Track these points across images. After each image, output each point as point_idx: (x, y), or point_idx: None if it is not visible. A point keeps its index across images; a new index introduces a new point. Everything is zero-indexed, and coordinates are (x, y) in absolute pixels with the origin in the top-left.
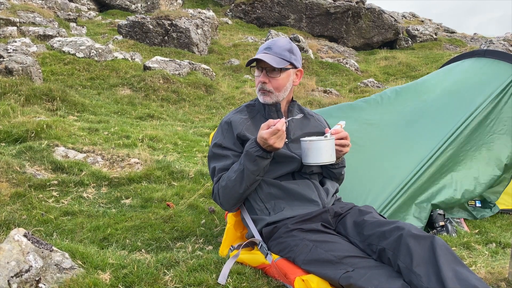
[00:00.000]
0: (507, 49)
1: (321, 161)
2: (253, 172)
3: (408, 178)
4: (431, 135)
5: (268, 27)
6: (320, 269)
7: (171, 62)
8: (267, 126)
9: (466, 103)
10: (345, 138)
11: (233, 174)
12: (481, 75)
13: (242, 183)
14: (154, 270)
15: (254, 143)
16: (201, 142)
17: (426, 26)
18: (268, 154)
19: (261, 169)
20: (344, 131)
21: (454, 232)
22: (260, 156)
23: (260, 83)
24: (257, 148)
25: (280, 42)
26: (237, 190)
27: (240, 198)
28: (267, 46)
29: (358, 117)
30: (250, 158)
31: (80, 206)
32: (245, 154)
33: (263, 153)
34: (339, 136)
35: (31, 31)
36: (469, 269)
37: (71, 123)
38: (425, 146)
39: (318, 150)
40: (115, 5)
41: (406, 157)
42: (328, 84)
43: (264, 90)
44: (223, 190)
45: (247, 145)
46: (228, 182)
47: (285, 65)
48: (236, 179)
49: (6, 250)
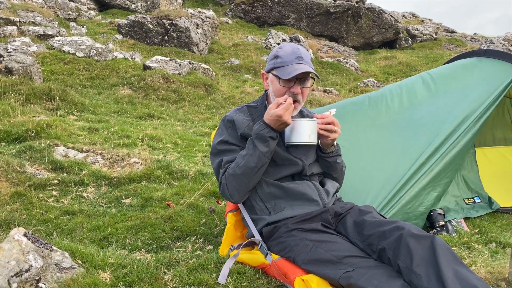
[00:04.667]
0: (507, 49)
1: (300, 140)
2: (265, 154)
3: (407, 177)
4: (430, 133)
5: (268, 26)
6: (320, 269)
7: (171, 62)
8: (277, 105)
9: (466, 102)
10: (331, 123)
11: (241, 160)
12: (481, 74)
13: (252, 166)
14: (154, 269)
15: (264, 125)
16: (201, 142)
17: (426, 25)
18: (277, 134)
19: (271, 150)
20: (331, 116)
21: (454, 232)
22: (271, 137)
23: (293, 94)
24: (268, 129)
25: (304, 50)
26: (247, 175)
27: (249, 185)
28: (298, 55)
29: (358, 116)
30: (262, 139)
31: (80, 205)
32: (256, 137)
33: (274, 134)
34: (325, 121)
35: (31, 30)
36: (469, 269)
37: (71, 122)
38: (424, 144)
39: (299, 129)
40: (115, 5)
41: (406, 155)
42: (328, 83)
43: (295, 102)
44: (232, 178)
45: (257, 128)
46: (237, 169)
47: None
48: (246, 163)
49: (6, 249)
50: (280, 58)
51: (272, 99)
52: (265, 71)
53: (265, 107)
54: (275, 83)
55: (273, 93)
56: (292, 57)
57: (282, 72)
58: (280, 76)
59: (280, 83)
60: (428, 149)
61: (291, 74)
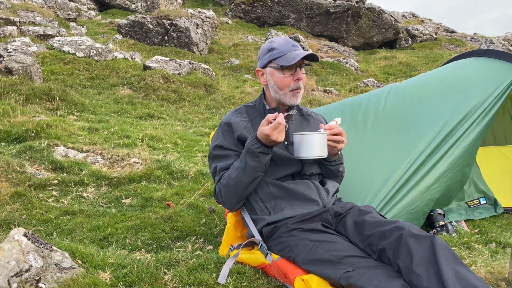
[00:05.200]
0: (507, 49)
1: (311, 155)
2: (255, 169)
3: (406, 177)
4: (430, 133)
5: (268, 26)
6: (320, 269)
7: (171, 62)
8: (267, 122)
9: (467, 102)
10: (339, 134)
11: (234, 172)
12: (481, 74)
13: (244, 180)
14: (154, 269)
15: (255, 140)
16: (201, 142)
17: (426, 25)
18: (270, 149)
19: (263, 165)
20: (338, 127)
21: (454, 232)
22: (262, 152)
23: (296, 80)
24: (258, 144)
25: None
26: (239, 187)
27: (242, 196)
28: (292, 44)
29: (358, 116)
30: (252, 155)
31: (80, 205)
32: (247, 152)
33: (265, 149)
34: (332, 132)
35: (31, 30)
36: (469, 269)
37: (71, 122)
38: (424, 144)
39: (309, 144)
40: (115, 5)
41: (406, 155)
42: (328, 83)
43: (298, 89)
44: (225, 189)
45: (248, 143)
46: (229, 180)
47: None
48: (238, 176)
49: (6, 249)
50: (276, 50)
51: (272, 93)
52: (259, 67)
53: (263, 106)
54: (276, 75)
55: (275, 85)
56: (288, 45)
57: (284, 60)
58: (282, 64)
59: (283, 72)
60: (428, 149)
61: (295, 59)
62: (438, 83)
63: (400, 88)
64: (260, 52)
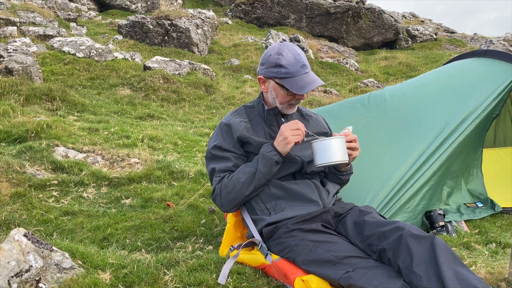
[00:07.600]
0: (507, 49)
1: (335, 160)
2: (265, 176)
3: (407, 177)
4: (431, 133)
5: (268, 27)
6: (320, 269)
7: (171, 62)
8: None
9: (467, 103)
10: (354, 141)
11: (242, 175)
12: (481, 74)
13: (250, 185)
14: (154, 270)
15: (272, 148)
16: (201, 142)
17: (426, 26)
18: (282, 158)
19: (273, 173)
20: (353, 134)
21: (454, 232)
22: (277, 162)
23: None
24: (275, 152)
25: (301, 51)
26: (243, 192)
27: (243, 200)
28: (302, 63)
29: (358, 116)
30: (267, 162)
31: (80, 206)
32: (262, 158)
33: (279, 158)
34: (348, 139)
35: (31, 31)
36: (469, 269)
37: (71, 123)
38: (425, 144)
39: (331, 149)
40: (115, 5)
41: (406, 155)
42: (328, 84)
43: (296, 105)
44: (228, 191)
45: (264, 149)
46: (236, 183)
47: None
48: (246, 181)
49: (6, 250)
50: (284, 68)
51: (272, 102)
52: (262, 76)
53: (262, 106)
54: (279, 91)
55: (276, 98)
56: (297, 66)
57: (292, 85)
58: (290, 89)
59: (287, 94)
60: (429, 149)
61: (304, 89)
62: (438, 84)
63: (401, 89)
64: (265, 59)
